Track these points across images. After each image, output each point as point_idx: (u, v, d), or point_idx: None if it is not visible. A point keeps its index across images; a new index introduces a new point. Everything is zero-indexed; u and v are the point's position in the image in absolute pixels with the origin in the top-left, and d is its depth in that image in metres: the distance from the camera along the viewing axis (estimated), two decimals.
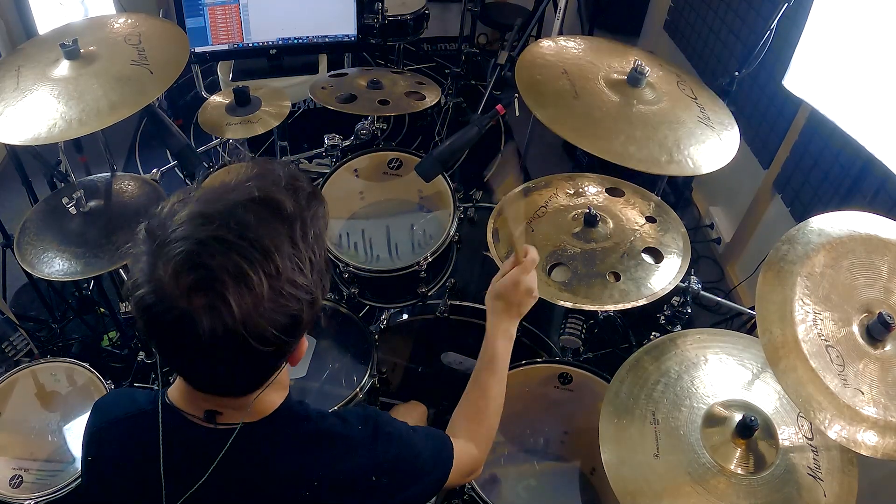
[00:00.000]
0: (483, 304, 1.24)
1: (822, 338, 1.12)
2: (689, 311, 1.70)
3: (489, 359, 1.19)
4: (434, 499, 1.56)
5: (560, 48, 1.81)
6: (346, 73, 2.31)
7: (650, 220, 1.69)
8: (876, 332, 1.12)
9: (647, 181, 1.77)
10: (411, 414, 1.71)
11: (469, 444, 1.13)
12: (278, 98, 2.09)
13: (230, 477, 0.87)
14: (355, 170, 2.08)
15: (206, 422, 0.87)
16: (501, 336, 1.19)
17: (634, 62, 1.67)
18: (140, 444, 0.90)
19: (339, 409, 0.99)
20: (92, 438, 0.95)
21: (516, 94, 1.71)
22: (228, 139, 2.14)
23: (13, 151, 2.04)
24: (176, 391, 0.90)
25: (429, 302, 2.12)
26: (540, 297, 1.49)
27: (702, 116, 1.67)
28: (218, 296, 0.71)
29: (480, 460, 1.16)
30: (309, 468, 0.89)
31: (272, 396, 0.90)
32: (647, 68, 1.66)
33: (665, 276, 1.56)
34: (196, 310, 0.71)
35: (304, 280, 0.76)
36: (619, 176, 1.77)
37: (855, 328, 1.14)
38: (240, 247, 0.72)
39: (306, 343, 0.87)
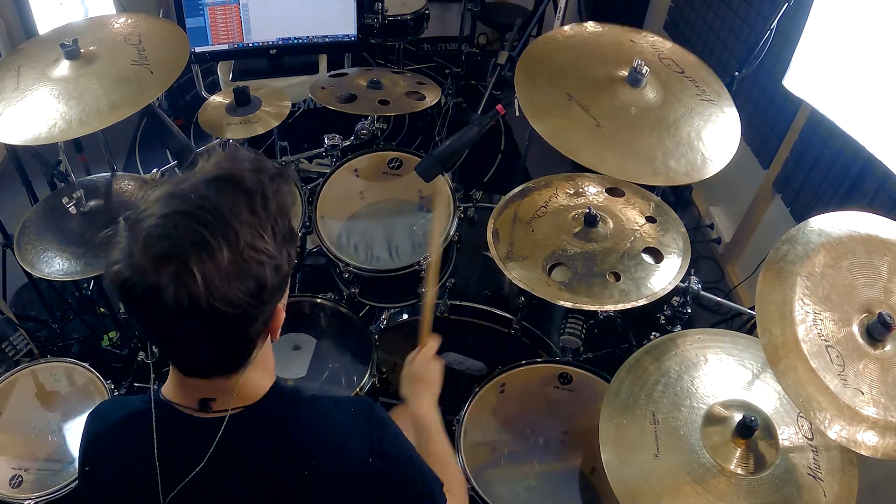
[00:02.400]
0: (483, 303, 1.24)
1: (822, 338, 1.12)
2: (689, 311, 1.70)
3: (428, 433, 1.20)
4: None
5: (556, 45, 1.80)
6: (346, 73, 2.31)
7: (650, 220, 1.69)
8: (876, 332, 1.12)
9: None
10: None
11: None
12: (278, 98, 2.09)
13: (227, 463, 0.88)
14: (355, 170, 2.08)
15: (199, 411, 0.88)
16: (429, 411, 1.23)
17: (635, 62, 1.66)
18: (136, 443, 0.91)
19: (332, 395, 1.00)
20: (88, 447, 0.96)
21: (516, 95, 1.70)
22: (228, 139, 2.14)
23: (13, 151, 2.04)
24: (168, 385, 0.91)
25: None
26: (540, 297, 1.49)
27: (700, 94, 1.66)
28: (181, 262, 0.73)
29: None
30: (305, 447, 0.90)
31: (260, 380, 0.92)
32: (647, 68, 1.66)
33: (665, 276, 1.56)
34: (163, 281, 0.73)
35: (265, 245, 0.79)
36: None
37: (855, 328, 1.14)
38: (199, 217, 0.76)
39: (283, 314, 0.88)
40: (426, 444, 1.19)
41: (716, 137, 1.58)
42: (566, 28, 1.84)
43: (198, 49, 2.45)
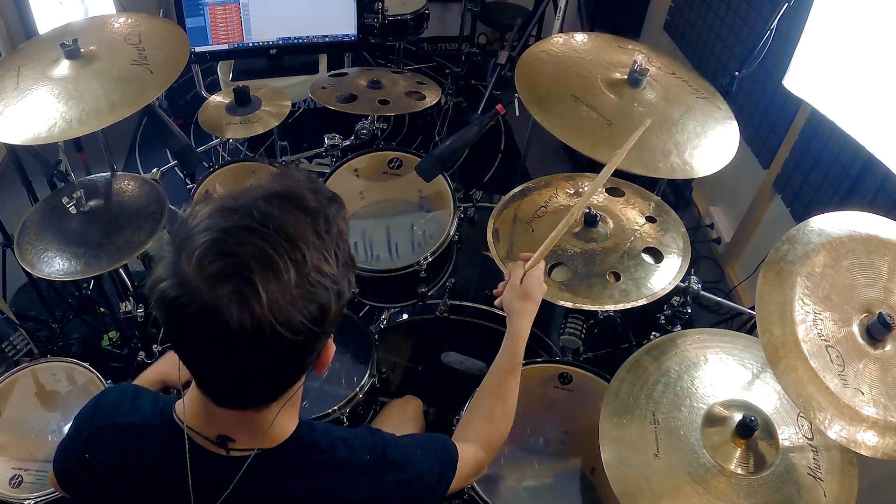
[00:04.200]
0: (483, 303, 1.24)
1: (822, 338, 1.12)
2: (689, 311, 1.70)
3: (515, 363, 1.20)
4: None
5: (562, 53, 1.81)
6: (346, 73, 2.31)
7: (650, 220, 1.69)
8: (876, 332, 1.12)
9: (647, 181, 1.77)
10: (405, 409, 1.71)
11: (478, 449, 1.13)
12: (278, 98, 2.09)
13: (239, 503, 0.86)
14: (355, 170, 2.08)
15: (217, 447, 0.85)
16: (524, 338, 1.23)
17: (635, 63, 1.67)
18: (144, 460, 0.88)
19: (346, 431, 0.97)
20: (91, 437, 0.93)
21: (516, 94, 1.70)
22: (228, 139, 2.14)
23: (13, 151, 2.04)
24: (190, 408, 0.87)
25: (429, 302, 2.12)
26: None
27: (695, 92, 1.73)
28: (245, 282, 0.69)
29: (486, 463, 1.16)
30: (317, 497, 0.89)
31: (286, 422, 0.89)
32: (648, 68, 1.67)
33: (665, 276, 1.56)
34: (221, 300, 0.69)
35: (329, 269, 0.75)
36: (619, 176, 1.77)
37: (855, 328, 1.14)
38: (265, 234, 0.71)
39: (333, 347, 0.85)
40: (502, 378, 1.19)
41: (718, 131, 1.66)
42: (558, 39, 1.84)
43: (198, 49, 2.45)
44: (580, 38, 1.87)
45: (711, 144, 1.63)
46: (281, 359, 0.76)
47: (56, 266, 1.71)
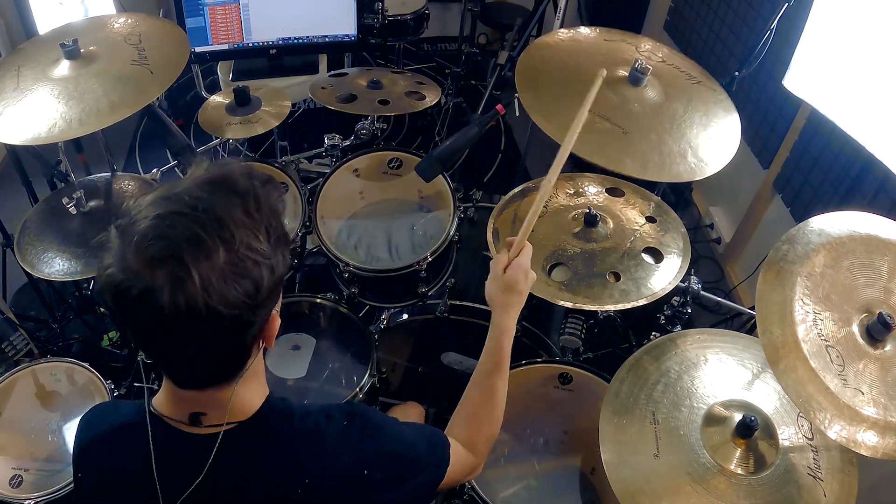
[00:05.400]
0: (483, 304, 1.23)
1: (822, 338, 1.12)
2: (689, 311, 1.70)
3: (498, 360, 1.17)
4: (434, 500, 1.56)
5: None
6: (346, 73, 2.30)
7: (650, 220, 1.69)
8: (876, 332, 1.12)
9: (647, 181, 1.77)
10: (408, 414, 1.71)
11: (466, 451, 1.11)
12: (278, 98, 2.09)
13: (220, 482, 0.87)
14: (355, 170, 2.08)
15: (190, 425, 0.87)
16: (508, 334, 1.19)
17: (636, 62, 1.67)
18: (127, 455, 0.90)
19: (323, 405, 0.98)
20: (80, 455, 0.96)
21: (516, 94, 1.70)
22: (228, 139, 2.14)
23: (13, 151, 2.04)
24: (160, 397, 0.90)
25: (429, 302, 2.12)
26: (540, 297, 1.49)
27: (689, 78, 1.73)
28: (178, 262, 0.73)
29: (479, 463, 1.15)
30: (298, 467, 0.89)
31: (253, 396, 0.91)
32: (649, 66, 1.66)
33: (665, 276, 1.56)
34: (158, 283, 0.73)
35: (260, 246, 0.79)
36: (620, 176, 1.77)
37: (855, 328, 1.14)
38: (195, 216, 0.76)
39: (278, 321, 0.88)
40: (488, 376, 1.17)
41: (720, 115, 1.68)
42: (560, 35, 1.83)
43: (198, 49, 2.45)
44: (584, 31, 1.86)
45: (716, 133, 1.63)
46: (223, 335, 0.79)
47: (56, 266, 1.71)
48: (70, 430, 1.61)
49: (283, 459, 0.89)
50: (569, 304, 1.48)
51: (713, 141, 1.62)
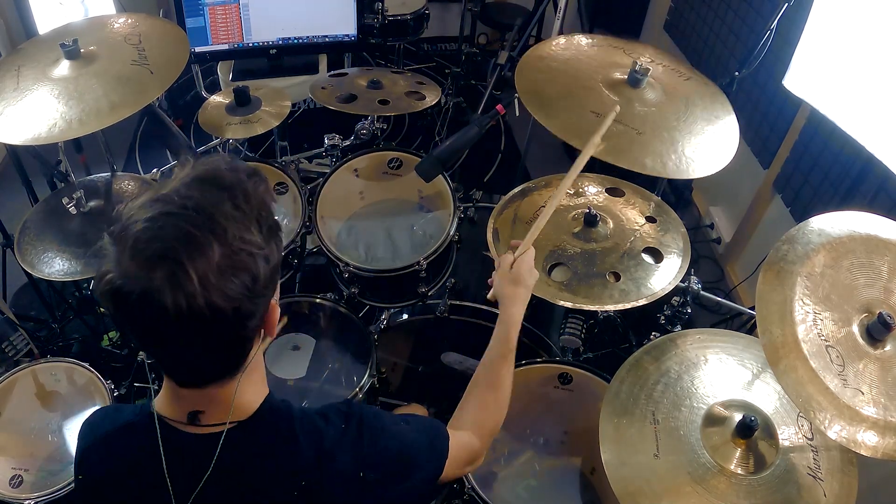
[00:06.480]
0: (483, 303, 1.25)
1: (822, 338, 1.12)
2: (689, 311, 1.70)
3: (505, 351, 1.21)
4: (434, 500, 1.56)
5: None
6: (346, 73, 2.31)
7: (650, 220, 1.69)
8: (876, 332, 1.12)
9: (647, 181, 1.77)
10: None
11: (472, 437, 1.13)
12: (278, 98, 2.09)
13: (221, 482, 0.87)
14: (355, 170, 2.08)
15: (188, 424, 0.87)
16: (516, 326, 1.24)
17: (636, 63, 1.67)
18: (128, 456, 0.91)
19: (322, 406, 0.99)
20: (81, 458, 0.96)
21: (516, 94, 1.70)
22: (228, 139, 2.14)
23: (13, 151, 2.04)
24: (161, 398, 0.90)
25: (429, 302, 2.12)
26: (540, 297, 1.49)
27: (682, 74, 1.76)
28: (175, 263, 0.73)
29: (481, 452, 1.16)
30: (297, 468, 0.89)
31: (252, 394, 0.91)
32: (649, 68, 1.67)
33: (665, 276, 1.56)
34: (157, 284, 0.73)
35: (253, 237, 0.79)
36: (620, 176, 1.77)
37: (855, 328, 1.14)
38: (185, 215, 0.76)
39: (277, 310, 0.88)
40: (495, 366, 1.21)
41: (717, 111, 1.71)
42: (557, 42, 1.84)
43: (198, 49, 2.45)
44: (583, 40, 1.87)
45: (718, 130, 1.64)
46: (224, 329, 0.79)
47: (56, 266, 1.71)
48: (70, 430, 1.61)
49: (280, 459, 0.89)
50: (569, 304, 1.49)
51: (713, 138, 1.63)
